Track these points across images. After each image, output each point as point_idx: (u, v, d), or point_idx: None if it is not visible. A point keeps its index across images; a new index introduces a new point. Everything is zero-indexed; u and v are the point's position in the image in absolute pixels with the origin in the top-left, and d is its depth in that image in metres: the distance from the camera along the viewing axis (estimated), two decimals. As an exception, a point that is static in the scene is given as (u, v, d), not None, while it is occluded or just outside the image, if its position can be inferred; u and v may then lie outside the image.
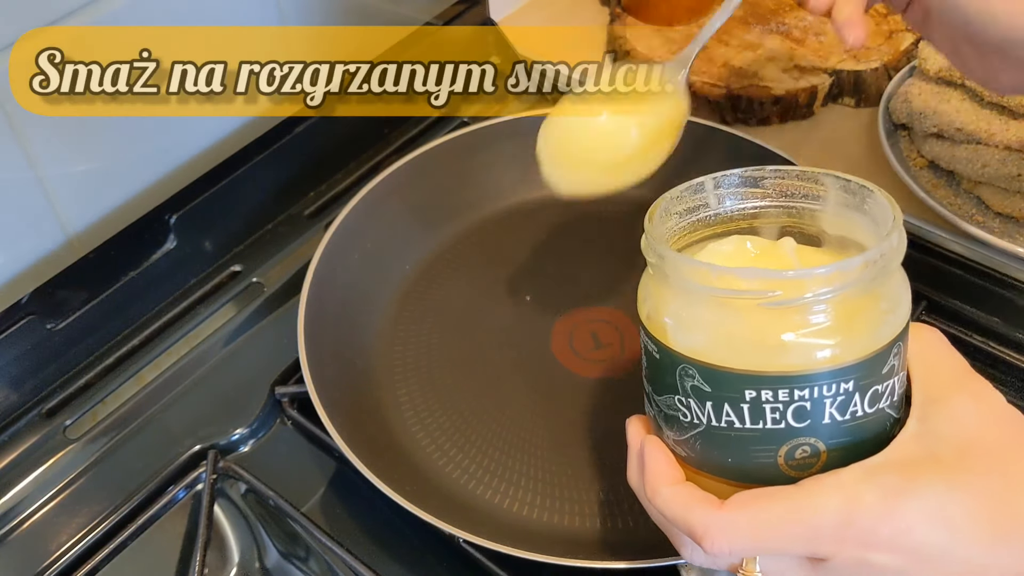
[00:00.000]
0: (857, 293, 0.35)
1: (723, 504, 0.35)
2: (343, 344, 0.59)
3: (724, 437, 0.36)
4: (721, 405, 0.36)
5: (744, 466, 0.37)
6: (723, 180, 0.42)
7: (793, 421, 0.35)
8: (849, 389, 0.35)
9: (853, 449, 0.36)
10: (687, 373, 0.36)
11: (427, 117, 0.78)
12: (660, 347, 0.38)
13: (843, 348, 0.35)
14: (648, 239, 0.39)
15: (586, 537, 0.52)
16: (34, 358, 0.58)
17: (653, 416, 0.40)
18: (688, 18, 0.83)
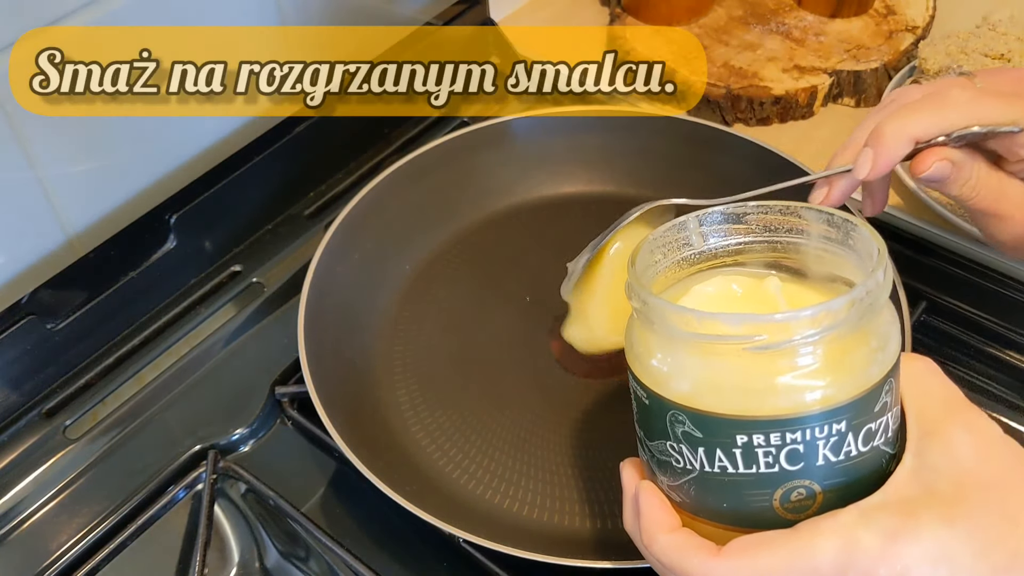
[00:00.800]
0: (845, 332, 0.34)
1: (720, 552, 0.35)
2: (343, 344, 0.59)
3: (718, 482, 0.36)
4: (713, 451, 0.35)
5: (740, 511, 0.36)
6: (705, 218, 0.41)
7: (787, 464, 0.35)
8: (842, 429, 0.34)
9: (849, 488, 0.35)
10: (677, 419, 0.36)
11: (427, 117, 0.78)
12: (649, 393, 0.37)
13: (834, 388, 0.34)
14: (631, 284, 0.38)
15: (586, 537, 0.52)
16: (34, 358, 0.58)
17: (647, 460, 0.40)
18: (688, 18, 0.83)
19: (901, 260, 0.57)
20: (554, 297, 0.64)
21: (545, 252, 0.67)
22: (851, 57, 0.78)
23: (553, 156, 0.70)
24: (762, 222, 0.41)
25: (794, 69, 0.77)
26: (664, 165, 0.68)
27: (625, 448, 0.55)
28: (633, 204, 0.69)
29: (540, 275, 0.65)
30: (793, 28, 0.82)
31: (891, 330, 0.36)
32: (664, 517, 0.38)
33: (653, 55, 0.79)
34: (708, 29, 0.82)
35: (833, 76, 0.76)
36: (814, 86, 0.75)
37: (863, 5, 0.82)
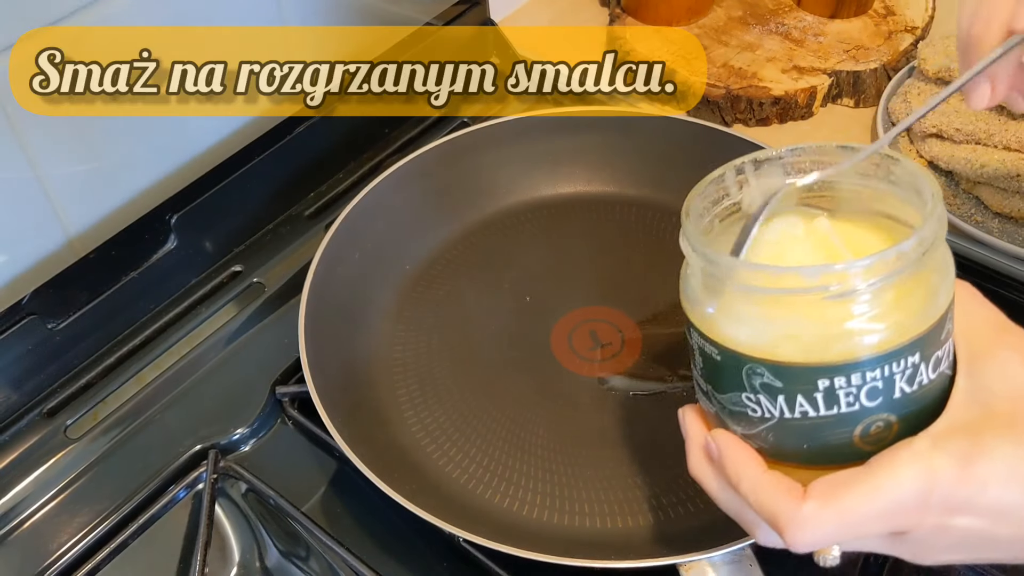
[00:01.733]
0: (916, 269, 0.35)
1: (807, 493, 0.35)
2: (343, 344, 0.59)
3: (798, 427, 0.37)
4: (794, 397, 0.36)
5: (820, 450, 0.37)
6: (743, 166, 0.41)
7: (867, 401, 0.36)
8: (916, 361, 0.35)
9: (919, 415, 0.36)
10: (755, 372, 0.36)
11: (427, 117, 0.78)
12: (721, 349, 0.37)
13: (909, 324, 0.35)
14: (692, 242, 0.38)
15: (586, 537, 0.52)
16: (34, 358, 0.58)
17: (714, 412, 0.40)
18: (688, 18, 0.83)
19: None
20: (554, 297, 0.64)
21: (545, 252, 0.67)
22: (850, 58, 0.78)
23: (553, 156, 0.70)
24: (796, 166, 0.41)
25: (793, 70, 0.77)
26: (664, 165, 0.68)
27: (625, 447, 0.55)
28: (633, 204, 0.69)
29: (540, 275, 0.65)
30: (792, 29, 0.82)
31: (950, 259, 0.37)
32: (750, 457, 0.38)
33: (653, 55, 0.79)
34: (708, 29, 0.82)
35: (832, 76, 0.76)
36: (813, 87, 0.75)
37: (862, 6, 0.82)
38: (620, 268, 0.65)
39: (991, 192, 0.65)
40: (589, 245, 0.67)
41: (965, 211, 0.66)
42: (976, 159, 0.65)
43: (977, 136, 0.65)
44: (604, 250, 0.67)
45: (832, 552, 0.37)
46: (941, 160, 0.67)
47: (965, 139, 0.66)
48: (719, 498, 0.40)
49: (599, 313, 0.63)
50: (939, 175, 0.69)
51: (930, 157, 0.68)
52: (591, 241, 0.67)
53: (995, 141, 0.64)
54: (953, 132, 0.66)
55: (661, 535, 0.51)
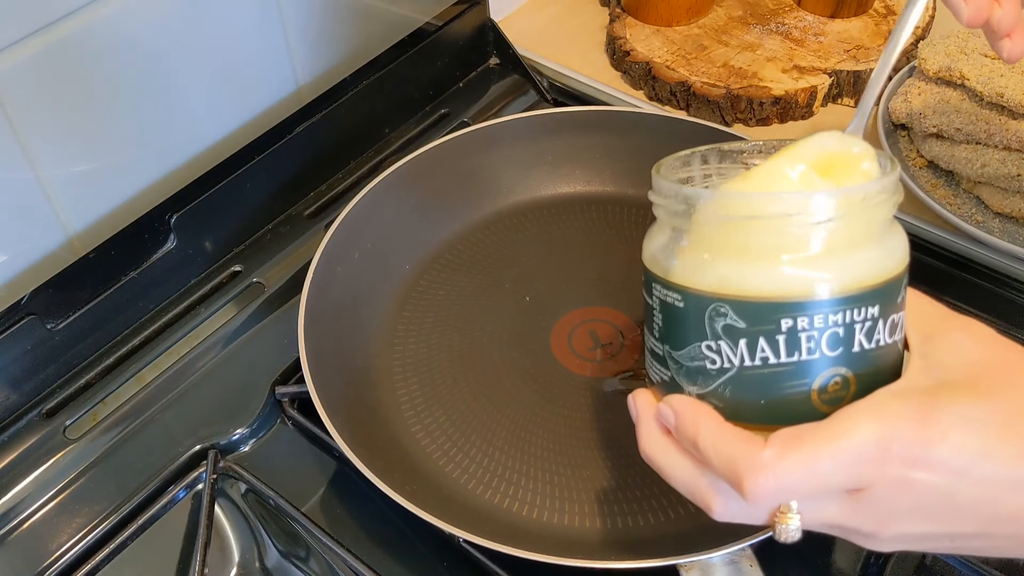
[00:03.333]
0: (878, 214, 0.36)
1: (767, 442, 0.35)
2: (343, 344, 0.59)
3: (757, 377, 0.37)
4: (756, 340, 0.36)
5: (777, 406, 0.37)
6: (709, 155, 0.42)
7: (827, 349, 0.36)
8: (875, 314, 0.36)
9: (877, 379, 0.37)
10: (719, 312, 0.36)
11: (427, 117, 0.78)
12: (685, 293, 0.37)
13: (869, 271, 0.36)
14: (660, 184, 0.39)
15: (586, 537, 0.52)
16: (34, 358, 0.58)
17: (669, 378, 0.40)
18: (688, 18, 0.83)
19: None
20: (554, 297, 0.64)
21: (545, 252, 0.67)
22: (850, 57, 0.78)
23: (553, 156, 0.70)
24: (759, 159, 0.42)
25: (794, 69, 0.77)
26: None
27: (625, 447, 0.55)
28: (633, 204, 0.69)
29: (540, 275, 0.65)
30: (793, 28, 0.82)
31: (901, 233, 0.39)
32: (707, 411, 0.37)
33: (653, 55, 0.79)
34: (708, 29, 0.82)
35: (833, 76, 0.76)
36: (814, 86, 0.75)
37: (863, 5, 0.82)
38: (620, 268, 0.65)
39: (991, 192, 0.65)
40: (589, 245, 0.67)
41: (965, 211, 0.66)
42: (976, 159, 0.65)
43: (977, 136, 0.65)
44: (604, 250, 0.67)
45: (792, 520, 0.36)
46: (941, 160, 0.67)
47: (965, 139, 0.66)
48: (673, 470, 0.38)
49: (599, 313, 0.63)
50: (939, 175, 0.69)
51: (930, 157, 0.68)
52: (591, 241, 0.67)
53: (995, 141, 0.64)
54: (953, 132, 0.66)
55: (661, 535, 0.51)
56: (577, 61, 0.83)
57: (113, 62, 0.59)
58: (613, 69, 0.83)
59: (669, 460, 0.39)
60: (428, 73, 0.78)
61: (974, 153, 0.65)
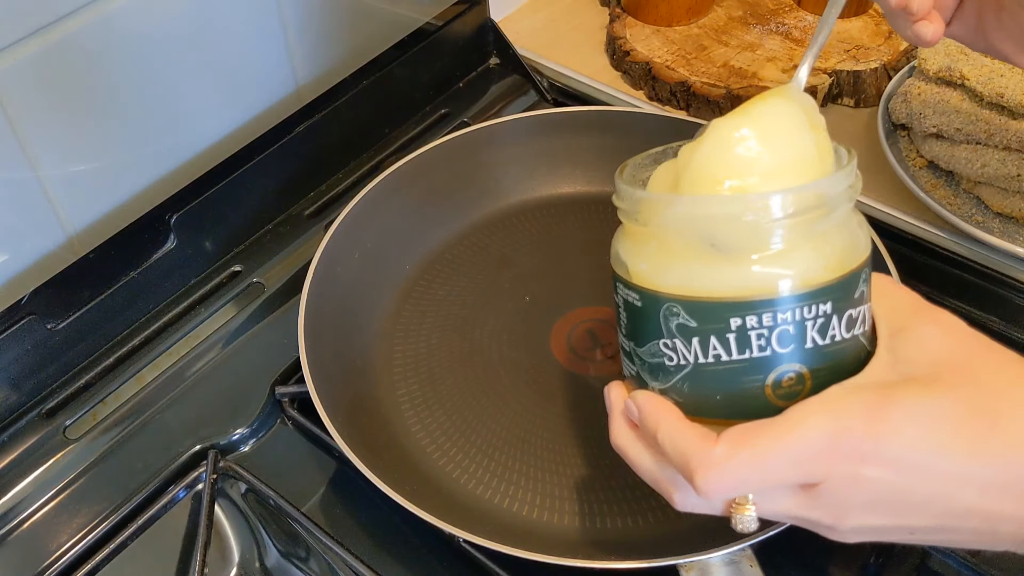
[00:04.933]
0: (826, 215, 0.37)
1: (719, 439, 0.36)
2: (343, 344, 0.59)
3: (712, 373, 0.37)
4: (707, 339, 0.37)
5: (733, 401, 0.37)
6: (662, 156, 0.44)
7: (778, 347, 0.36)
8: (827, 311, 0.36)
9: (834, 374, 0.37)
10: (672, 312, 0.37)
11: (427, 117, 0.78)
12: (641, 292, 0.39)
13: (818, 268, 0.36)
14: (620, 188, 0.41)
15: (586, 537, 0.52)
16: (34, 358, 0.58)
17: (635, 374, 0.41)
18: (688, 18, 0.83)
19: (901, 260, 0.57)
20: (554, 297, 0.64)
21: (545, 252, 0.67)
22: (851, 57, 0.78)
23: (553, 156, 0.70)
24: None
25: (794, 69, 0.77)
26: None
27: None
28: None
29: (540, 275, 0.65)
30: (793, 28, 0.82)
31: (863, 227, 0.39)
32: (668, 408, 0.38)
33: (653, 55, 0.79)
34: (708, 29, 0.82)
35: (833, 76, 0.76)
36: (813, 86, 0.75)
37: (863, 5, 0.82)
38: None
39: (991, 192, 0.65)
40: (589, 245, 0.67)
41: (965, 211, 0.66)
42: (976, 159, 0.65)
43: (977, 136, 0.65)
44: (604, 250, 0.66)
45: (748, 511, 0.37)
46: (941, 160, 0.67)
47: (965, 139, 0.66)
48: (639, 463, 0.40)
49: (599, 313, 0.63)
50: (939, 175, 0.69)
51: (930, 157, 0.68)
52: (591, 241, 0.67)
53: (995, 141, 0.64)
54: (953, 132, 0.66)
55: (661, 535, 0.51)
56: (577, 61, 0.83)
57: (113, 62, 0.59)
58: (613, 69, 0.83)
59: (635, 452, 0.40)
60: (428, 73, 0.78)
61: (974, 153, 0.65)
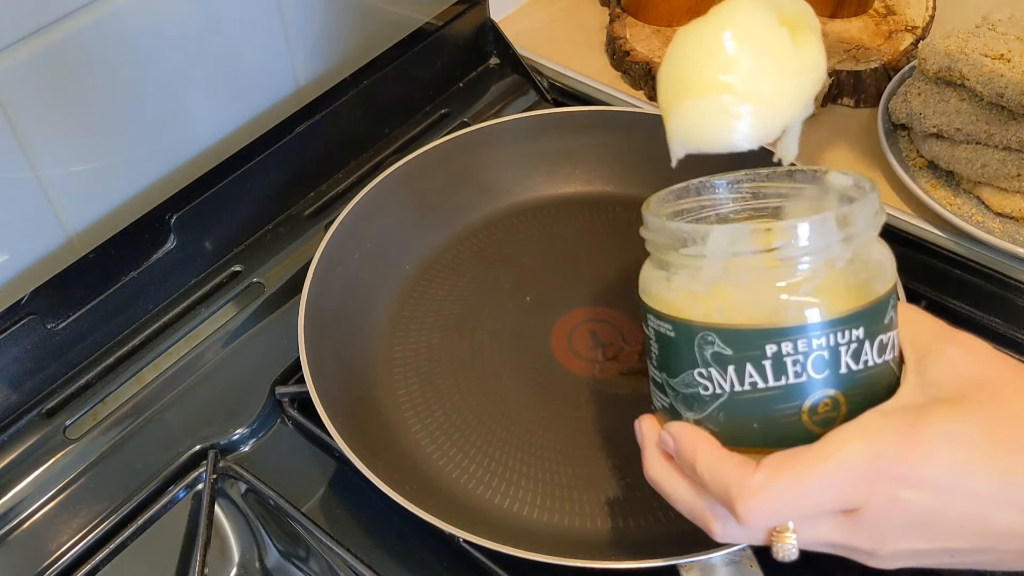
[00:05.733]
0: (856, 243, 0.37)
1: (759, 467, 0.36)
2: (343, 344, 0.59)
3: (748, 401, 0.37)
4: (743, 366, 0.37)
5: (770, 429, 0.38)
6: (703, 187, 0.44)
7: (813, 372, 0.37)
8: (860, 336, 0.37)
9: (867, 399, 0.37)
10: (707, 340, 0.37)
11: (427, 117, 0.78)
12: (675, 323, 0.39)
13: (852, 294, 0.37)
14: (649, 219, 0.41)
15: (586, 537, 0.52)
16: (34, 358, 0.58)
17: (667, 406, 0.41)
18: (688, 18, 0.82)
19: (901, 260, 0.57)
20: (554, 297, 0.64)
21: (545, 252, 0.67)
22: (851, 57, 0.78)
23: (553, 156, 0.70)
24: (751, 189, 0.43)
25: (794, 69, 0.77)
26: (664, 165, 0.68)
27: (625, 447, 0.55)
28: (633, 204, 0.69)
29: (540, 275, 0.65)
30: (793, 28, 0.81)
31: (888, 254, 0.40)
32: (705, 437, 0.38)
33: (653, 55, 0.79)
34: (708, 29, 0.82)
35: (833, 76, 0.76)
36: (814, 86, 0.75)
37: (863, 5, 0.82)
38: (620, 268, 0.64)
39: (991, 192, 0.65)
40: (589, 245, 0.67)
41: (965, 211, 0.66)
42: (976, 159, 0.65)
43: (977, 136, 0.65)
44: (604, 250, 0.67)
45: (789, 539, 0.37)
46: (941, 160, 0.67)
47: (965, 139, 0.65)
48: (676, 494, 0.40)
49: (599, 313, 0.62)
50: (939, 175, 0.69)
51: (931, 157, 0.68)
52: (591, 241, 0.67)
53: (995, 141, 0.64)
54: (953, 132, 0.66)
55: (661, 535, 0.51)
56: (577, 61, 0.83)
57: (113, 62, 0.59)
58: (613, 69, 0.82)
59: (671, 484, 0.40)
60: (428, 73, 0.78)
61: (974, 153, 0.65)
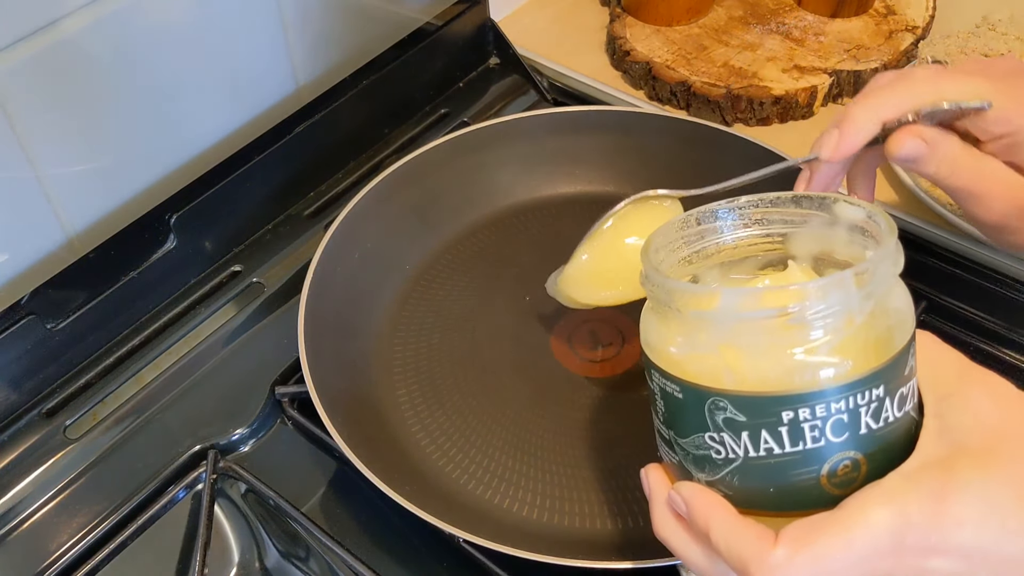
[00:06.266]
0: (875, 297, 0.35)
1: (778, 540, 0.34)
2: (343, 344, 0.59)
3: (764, 466, 0.35)
4: (758, 433, 0.35)
5: (787, 493, 0.36)
6: (703, 217, 0.41)
7: (832, 436, 0.35)
8: (880, 394, 0.35)
9: (888, 456, 0.35)
10: (717, 406, 0.35)
11: (427, 117, 0.78)
12: (684, 386, 0.36)
13: (873, 353, 0.35)
14: (651, 276, 0.38)
15: (586, 537, 0.52)
16: (34, 358, 0.58)
17: (677, 462, 0.39)
18: (688, 18, 0.83)
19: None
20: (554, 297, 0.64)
21: (545, 252, 0.67)
22: (851, 57, 0.78)
23: (553, 156, 0.70)
24: (756, 215, 0.41)
25: (794, 69, 0.77)
26: (664, 165, 0.68)
27: (625, 447, 0.55)
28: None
29: (540, 275, 0.65)
30: (793, 28, 0.82)
31: (908, 294, 0.37)
32: (718, 503, 0.37)
33: (653, 55, 0.79)
34: (708, 29, 0.82)
35: (833, 76, 0.76)
36: (814, 86, 0.75)
37: (863, 5, 0.82)
38: (620, 268, 0.64)
39: (992, 192, 0.65)
40: (589, 245, 0.67)
41: (966, 211, 0.66)
42: (977, 159, 0.65)
43: (978, 136, 0.65)
44: (604, 250, 0.67)
45: None
46: (942, 160, 0.67)
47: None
48: (687, 555, 0.38)
49: (600, 313, 0.62)
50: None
51: (931, 157, 0.68)
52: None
53: (996, 141, 0.64)
54: (954, 132, 0.66)
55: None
56: (577, 61, 0.83)
57: (113, 62, 0.59)
58: (613, 69, 0.82)
59: (682, 545, 0.38)
60: (428, 73, 0.78)
61: (974, 153, 0.65)
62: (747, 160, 0.64)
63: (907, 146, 0.45)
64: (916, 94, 0.44)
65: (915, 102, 0.44)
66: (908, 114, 0.44)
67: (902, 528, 0.33)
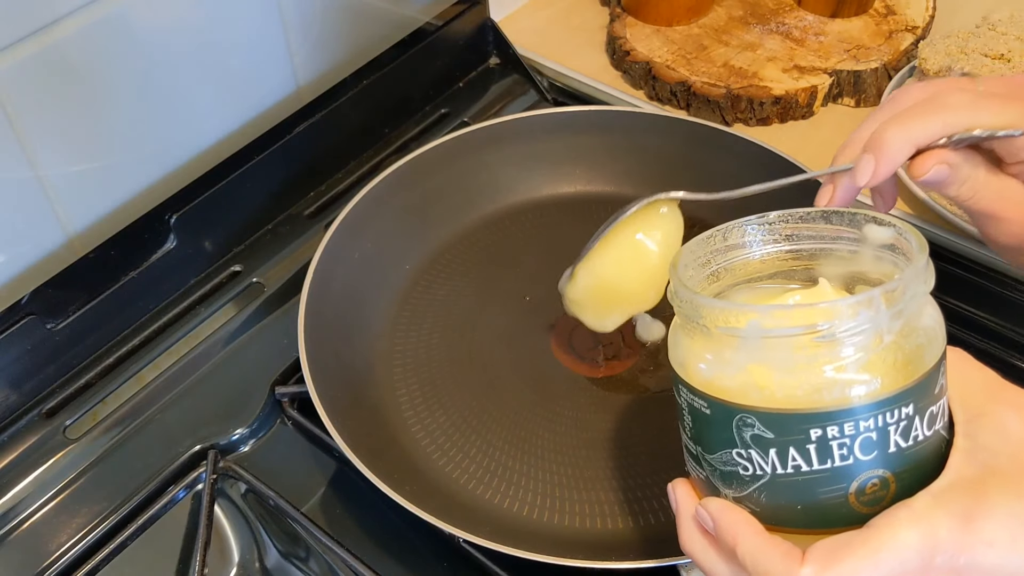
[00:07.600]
0: (905, 314, 0.35)
1: (805, 558, 0.34)
2: (343, 344, 0.59)
3: (791, 484, 0.35)
4: (786, 450, 0.35)
5: (814, 511, 0.36)
6: (729, 232, 0.41)
7: (861, 455, 0.35)
8: (910, 412, 0.35)
9: (917, 475, 0.35)
10: (745, 423, 0.35)
11: (427, 117, 0.78)
12: (711, 402, 0.36)
13: (902, 371, 0.35)
14: (680, 293, 0.38)
15: (586, 537, 0.52)
16: (34, 358, 0.58)
17: (704, 478, 0.39)
18: (688, 18, 0.83)
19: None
20: (554, 297, 0.64)
21: (545, 252, 0.67)
22: (851, 57, 0.78)
23: (553, 156, 0.70)
24: (786, 231, 0.41)
25: (794, 69, 0.77)
26: (664, 165, 0.68)
27: (625, 447, 0.55)
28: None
29: (540, 275, 0.65)
30: (793, 28, 0.82)
31: (939, 314, 0.37)
32: (746, 519, 0.37)
33: (653, 55, 0.79)
34: (708, 29, 0.82)
35: (833, 76, 0.76)
36: (814, 86, 0.75)
37: (863, 5, 0.82)
38: (620, 268, 0.64)
39: (992, 192, 0.65)
40: (589, 245, 0.67)
41: (966, 211, 0.66)
42: (977, 159, 0.65)
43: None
44: (604, 250, 0.67)
45: None
46: (942, 160, 0.67)
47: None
48: (714, 570, 0.38)
49: (599, 313, 0.62)
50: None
51: (931, 157, 0.68)
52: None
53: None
54: (954, 132, 0.66)
55: (661, 535, 0.51)
56: (577, 61, 0.83)
57: (113, 62, 0.59)
58: (613, 69, 0.82)
59: (709, 560, 0.38)
60: (428, 73, 0.78)
61: (974, 153, 0.65)
62: (747, 160, 0.64)
63: (934, 172, 0.45)
64: (952, 123, 0.44)
65: (948, 128, 0.44)
66: (940, 139, 0.45)
67: (931, 549, 0.33)
